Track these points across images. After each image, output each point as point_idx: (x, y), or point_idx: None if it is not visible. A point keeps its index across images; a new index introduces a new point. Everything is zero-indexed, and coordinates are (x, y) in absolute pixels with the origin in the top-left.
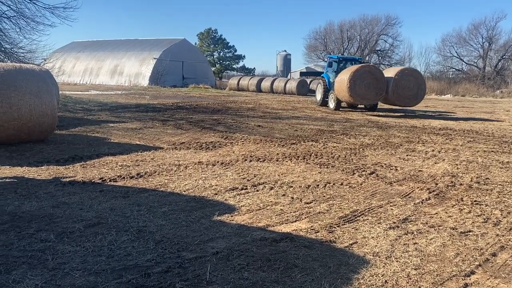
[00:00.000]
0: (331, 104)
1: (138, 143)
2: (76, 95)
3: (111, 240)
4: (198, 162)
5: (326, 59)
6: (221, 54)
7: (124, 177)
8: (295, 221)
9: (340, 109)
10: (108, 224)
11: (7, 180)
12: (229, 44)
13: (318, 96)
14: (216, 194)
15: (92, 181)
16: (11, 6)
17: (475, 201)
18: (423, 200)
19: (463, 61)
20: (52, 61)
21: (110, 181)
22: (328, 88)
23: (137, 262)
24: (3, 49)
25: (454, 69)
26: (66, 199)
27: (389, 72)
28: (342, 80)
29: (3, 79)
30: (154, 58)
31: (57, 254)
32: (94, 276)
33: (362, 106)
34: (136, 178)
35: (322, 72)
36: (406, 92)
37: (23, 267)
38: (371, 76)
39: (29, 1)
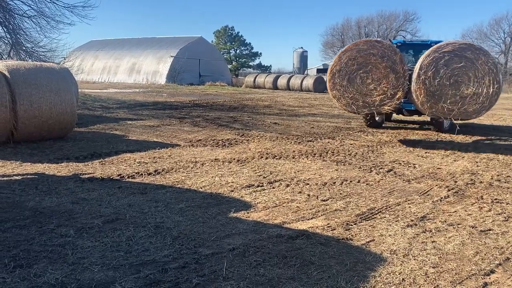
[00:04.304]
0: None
1: (156, 140)
2: (94, 93)
3: (129, 235)
4: (215, 159)
5: None
6: (237, 51)
7: (142, 174)
8: (312, 219)
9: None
10: (126, 220)
11: (28, 176)
12: (245, 42)
13: None
14: (233, 191)
15: (111, 177)
16: (32, 6)
17: (495, 199)
18: (441, 198)
19: None
20: (71, 60)
21: (128, 177)
22: None
23: (154, 257)
24: (24, 48)
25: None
26: (85, 195)
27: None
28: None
29: (24, 77)
30: (171, 56)
31: (76, 249)
32: (113, 271)
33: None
34: (153, 175)
35: None
36: (450, 91)
37: (44, 262)
38: (365, 58)
39: (49, 1)
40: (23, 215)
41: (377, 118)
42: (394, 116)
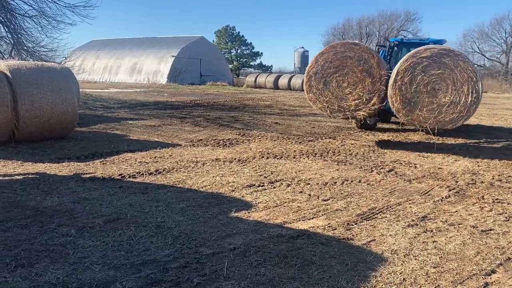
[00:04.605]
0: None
1: (157, 140)
2: (96, 93)
3: (130, 235)
4: (216, 159)
5: (386, 44)
6: (238, 51)
7: (143, 174)
8: (312, 218)
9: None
10: (127, 220)
11: (30, 176)
12: (246, 41)
13: None
14: (233, 190)
15: (112, 177)
16: (33, 6)
17: (496, 199)
18: (442, 198)
19: (485, 56)
20: (72, 59)
21: (129, 177)
22: None
23: (155, 257)
24: (25, 48)
25: (476, 65)
26: (86, 195)
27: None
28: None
29: (25, 77)
30: (172, 56)
31: (77, 249)
32: (114, 270)
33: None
34: (154, 174)
35: None
36: (427, 98)
37: (45, 261)
38: (342, 61)
39: (50, 0)
40: (24, 214)
41: (368, 121)
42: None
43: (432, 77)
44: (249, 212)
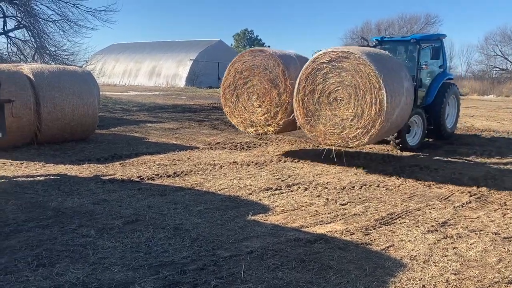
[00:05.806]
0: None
1: (175, 142)
2: (115, 96)
3: (148, 237)
4: (233, 162)
5: (364, 44)
6: None
7: (161, 176)
8: (330, 223)
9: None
10: (146, 221)
11: (51, 177)
12: (264, 45)
13: None
14: (251, 194)
15: (131, 179)
16: (56, 11)
17: None
18: (463, 203)
19: (508, 60)
20: (93, 63)
21: (148, 179)
22: None
23: (173, 259)
24: (48, 51)
25: (497, 69)
26: (106, 196)
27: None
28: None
29: (48, 80)
30: (191, 60)
31: (97, 249)
32: (132, 271)
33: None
34: (173, 177)
35: None
36: (330, 111)
37: (65, 261)
38: (250, 70)
39: (73, 5)
40: (46, 215)
41: None
42: None
43: (333, 86)
44: (266, 216)
